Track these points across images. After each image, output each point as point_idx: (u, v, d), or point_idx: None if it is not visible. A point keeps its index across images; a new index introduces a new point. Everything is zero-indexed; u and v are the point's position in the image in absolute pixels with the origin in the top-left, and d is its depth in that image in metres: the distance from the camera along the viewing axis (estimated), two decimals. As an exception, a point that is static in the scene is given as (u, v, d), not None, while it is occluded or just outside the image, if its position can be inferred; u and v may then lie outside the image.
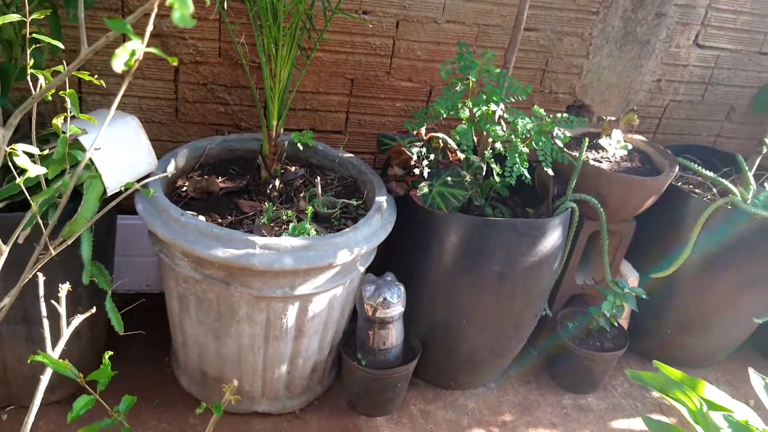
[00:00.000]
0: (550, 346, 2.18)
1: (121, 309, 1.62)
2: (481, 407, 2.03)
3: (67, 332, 0.80)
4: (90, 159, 1.53)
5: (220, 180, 1.88)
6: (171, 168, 1.81)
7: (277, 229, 1.69)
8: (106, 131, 1.58)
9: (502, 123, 1.84)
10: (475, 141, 1.87)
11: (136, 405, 1.83)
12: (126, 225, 1.93)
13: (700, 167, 2.14)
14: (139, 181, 1.70)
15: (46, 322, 0.82)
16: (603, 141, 2.10)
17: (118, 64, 0.51)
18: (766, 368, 2.44)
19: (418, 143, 1.93)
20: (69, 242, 0.94)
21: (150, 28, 0.57)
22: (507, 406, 2.04)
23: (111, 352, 0.82)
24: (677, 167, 2.04)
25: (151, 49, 0.58)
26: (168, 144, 2.06)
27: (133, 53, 0.49)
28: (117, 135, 1.63)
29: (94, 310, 0.89)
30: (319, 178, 1.86)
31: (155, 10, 0.55)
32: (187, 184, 1.84)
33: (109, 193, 1.60)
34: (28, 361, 0.84)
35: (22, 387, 1.73)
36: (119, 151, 1.62)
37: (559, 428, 2.00)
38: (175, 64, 1.23)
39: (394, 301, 1.79)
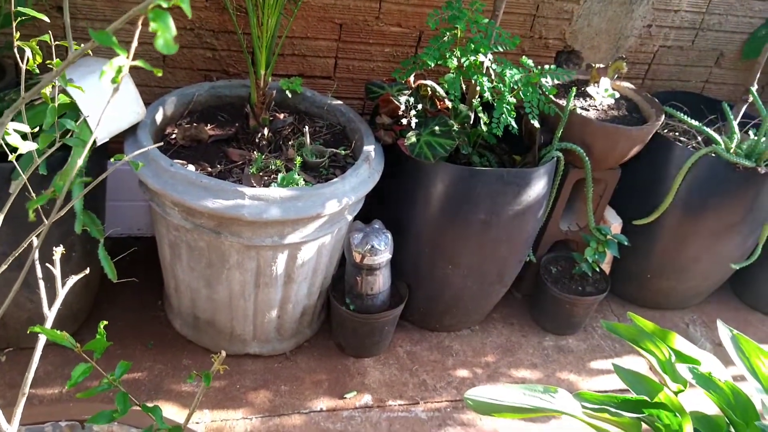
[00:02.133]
0: (533, 290, 2.25)
1: (114, 254, 1.66)
2: (465, 349, 2.11)
3: (62, 293, 0.84)
4: (78, 109, 1.53)
5: (209, 127, 1.89)
6: (159, 116, 1.81)
7: (266, 178, 1.72)
8: (93, 80, 1.57)
9: (491, 73, 1.84)
10: (464, 89, 1.87)
11: (131, 346, 1.90)
12: (116, 170, 1.94)
13: (686, 116, 2.16)
14: (128, 130, 1.71)
15: (42, 284, 0.85)
16: (591, 89, 2.11)
17: (105, 81, 0.53)
18: (740, 310, 2.53)
19: (406, 92, 1.93)
20: (61, 197, 0.95)
21: (135, 44, 0.58)
22: (490, 347, 2.12)
23: (106, 322, 0.86)
24: (663, 116, 2.06)
25: (138, 63, 0.59)
26: (156, 89, 2.05)
27: (119, 70, 0.50)
28: (104, 84, 1.62)
29: (87, 271, 0.92)
30: (307, 127, 1.87)
31: (140, 25, 0.56)
32: (176, 131, 1.85)
33: (99, 143, 1.61)
34: (27, 332, 0.87)
35: (19, 330, 1.78)
36: (107, 97, 1.61)
37: (540, 368, 2.09)
38: (160, 75, 1.23)
39: (381, 249, 1.84)
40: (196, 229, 1.64)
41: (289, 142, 1.87)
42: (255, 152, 1.80)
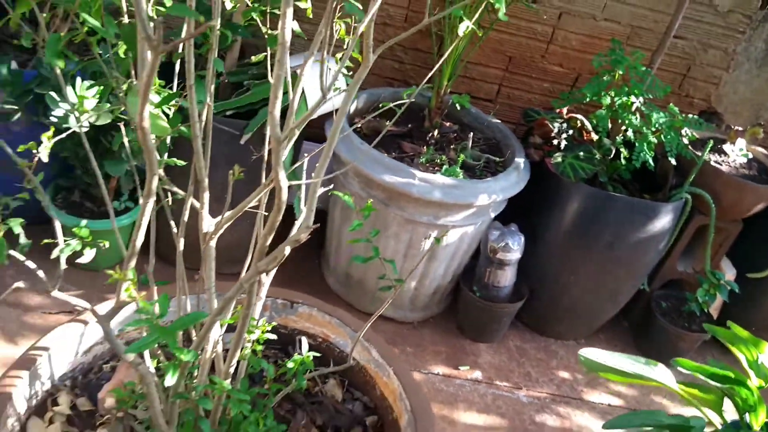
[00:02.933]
0: (640, 320, 2.45)
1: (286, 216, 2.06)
2: (569, 356, 2.34)
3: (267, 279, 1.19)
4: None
5: (388, 124, 2.27)
6: (352, 108, 2.22)
7: (431, 169, 2.06)
8: (313, 67, 1.99)
9: (638, 114, 2.11)
10: (609, 127, 2.15)
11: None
12: (307, 149, 2.36)
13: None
14: (328, 114, 2.12)
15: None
16: (726, 147, 2.32)
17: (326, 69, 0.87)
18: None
19: (559, 120, 2.24)
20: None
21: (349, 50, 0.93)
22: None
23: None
24: (792, 182, 2.23)
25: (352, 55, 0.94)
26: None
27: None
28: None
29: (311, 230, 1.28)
30: (471, 133, 2.21)
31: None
32: (362, 122, 2.24)
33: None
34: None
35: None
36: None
37: (637, 388, 2.28)
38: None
39: (514, 248, 2.13)
40: (369, 198, 2.01)
41: (452, 146, 2.22)
42: (425, 147, 2.16)
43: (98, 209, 2.05)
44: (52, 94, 1.77)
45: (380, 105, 1.43)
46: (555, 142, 2.14)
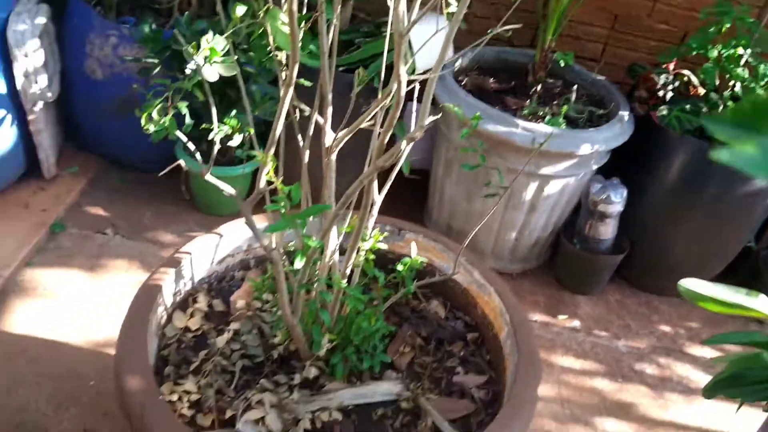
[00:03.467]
0: (748, 278, 2.40)
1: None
2: (672, 311, 2.34)
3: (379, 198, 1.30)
4: (409, 42, 2.06)
5: (491, 81, 2.35)
6: (457, 64, 2.30)
7: (534, 121, 2.12)
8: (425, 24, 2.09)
9: (746, 68, 2.08)
10: (716, 81, 2.12)
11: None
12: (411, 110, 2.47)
13: None
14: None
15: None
16: None
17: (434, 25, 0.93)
18: None
19: (665, 75, 2.23)
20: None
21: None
22: (695, 316, 2.33)
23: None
24: None
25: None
26: (455, 49, 2.56)
27: (449, 15, 0.92)
28: (431, 29, 2.14)
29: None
30: (576, 86, 2.25)
31: None
32: (466, 79, 2.33)
33: (417, 71, 2.13)
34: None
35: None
36: (431, 41, 2.13)
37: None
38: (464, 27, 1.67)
39: (615, 200, 2.16)
40: (472, 148, 2.10)
41: (554, 101, 2.26)
42: (528, 101, 2.21)
43: (223, 158, 2.25)
44: (189, 48, 1.97)
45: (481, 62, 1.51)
46: (661, 94, 2.14)
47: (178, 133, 1.09)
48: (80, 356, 1.78)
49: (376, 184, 1.22)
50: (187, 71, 2.01)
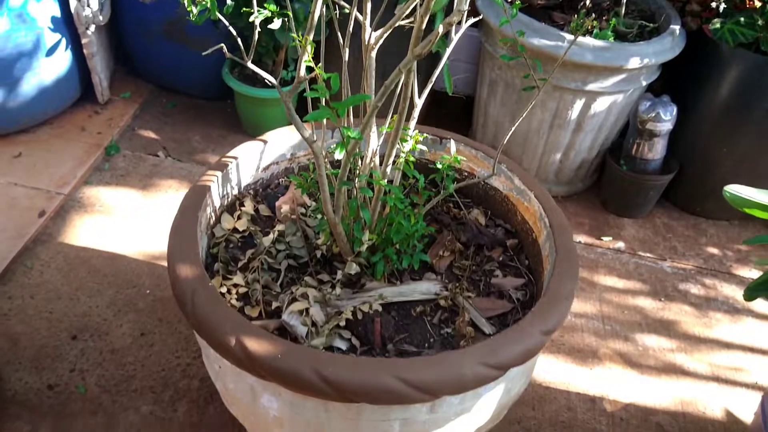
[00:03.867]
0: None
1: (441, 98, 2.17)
2: (720, 234, 2.30)
3: (419, 102, 1.29)
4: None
5: (538, -2, 2.29)
6: (502, -19, 2.25)
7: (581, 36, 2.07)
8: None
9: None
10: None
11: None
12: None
13: None
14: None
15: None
16: None
17: None
18: None
19: (720, -13, 2.14)
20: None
21: None
22: (744, 239, 2.29)
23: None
24: None
25: None
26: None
27: None
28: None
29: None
30: (625, 0, 2.18)
31: None
32: (511, -4, 2.28)
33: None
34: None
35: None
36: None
37: (791, 270, 2.21)
38: None
39: (665, 118, 2.11)
40: (517, 66, 2.07)
41: (603, 17, 2.20)
42: (575, 16, 2.16)
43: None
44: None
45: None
46: (714, 5, 2.05)
47: (219, 16, 1.11)
48: (136, 267, 1.87)
49: (416, 85, 1.23)
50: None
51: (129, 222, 2.00)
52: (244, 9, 1.16)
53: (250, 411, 1.19)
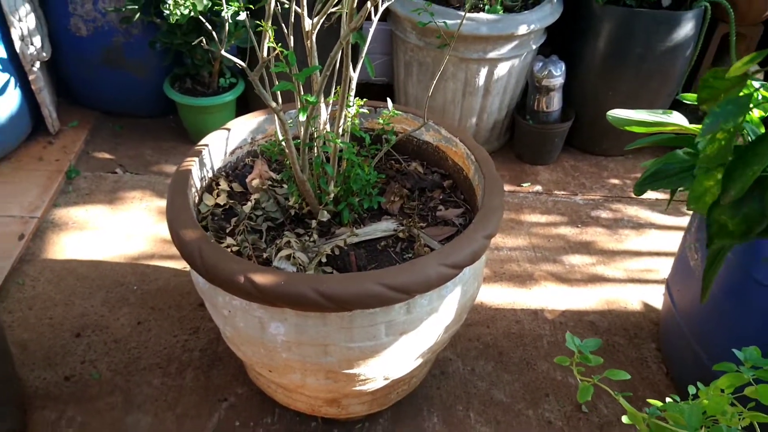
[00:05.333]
0: (680, 128, 2.74)
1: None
2: (619, 168, 2.68)
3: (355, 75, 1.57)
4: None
5: (433, -13, 2.61)
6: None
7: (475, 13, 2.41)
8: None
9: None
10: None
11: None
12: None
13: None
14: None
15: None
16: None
17: None
18: None
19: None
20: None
21: None
22: (639, 169, 2.68)
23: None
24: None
25: None
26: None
27: None
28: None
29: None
30: (507, -21, 2.53)
31: None
32: (411, -11, 2.59)
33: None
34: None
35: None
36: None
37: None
38: None
39: (556, 74, 2.47)
40: (427, 47, 2.38)
41: (492, -4, 2.54)
42: (468, -2, 2.50)
43: (207, 90, 2.51)
44: (163, -10, 2.21)
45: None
46: (581, -27, 2.43)
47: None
48: (120, 269, 2.07)
49: (351, 64, 1.50)
50: (165, 12, 2.25)
51: (103, 232, 2.19)
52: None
53: (260, 343, 1.42)
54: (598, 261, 2.24)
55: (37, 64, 2.31)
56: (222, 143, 1.69)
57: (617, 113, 1.80)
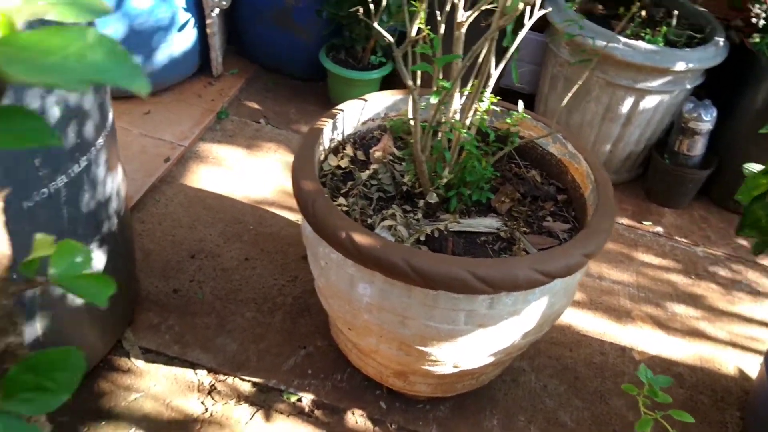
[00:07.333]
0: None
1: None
2: (752, 228, 2.54)
3: (495, 72, 1.60)
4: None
5: (599, 7, 2.60)
6: (569, -9, 2.57)
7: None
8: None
9: None
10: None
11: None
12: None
13: None
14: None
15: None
16: None
17: None
18: None
19: (760, 4, 2.41)
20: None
21: None
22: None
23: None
24: None
25: None
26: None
27: None
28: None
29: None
30: (677, 12, 2.47)
31: None
32: (575, 5, 2.59)
33: None
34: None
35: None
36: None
37: (816, 264, 2.44)
38: None
39: (706, 119, 2.38)
40: (576, 63, 2.38)
41: (657, 27, 2.49)
42: (631, 24, 2.46)
43: (358, 65, 2.64)
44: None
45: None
46: (754, 21, 2.33)
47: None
48: (242, 208, 2.24)
49: (494, 60, 1.55)
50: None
51: (235, 172, 2.37)
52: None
53: (347, 299, 1.52)
54: (703, 316, 2.15)
55: (216, 11, 2.53)
56: (357, 112, 1.79)
57: (753, 167, 1.73)
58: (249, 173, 2.38)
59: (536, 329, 1.56)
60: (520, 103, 1.66)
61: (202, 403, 1.67)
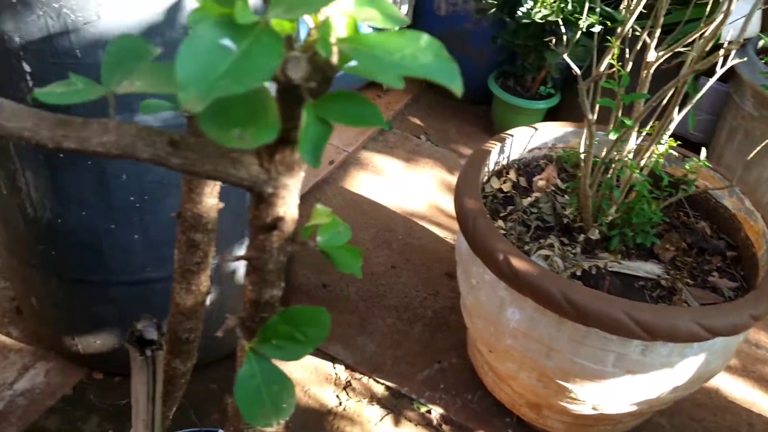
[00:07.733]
0: None
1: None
2: None
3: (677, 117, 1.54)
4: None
5: None
6: (761, 42, 2.43)
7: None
8: None
9: None
10: None
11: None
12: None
13: None
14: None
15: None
16: None
17: None
18: None
19: None
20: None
21: None
22: None
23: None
24: None
25: None
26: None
27: None
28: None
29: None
30: None
31: None
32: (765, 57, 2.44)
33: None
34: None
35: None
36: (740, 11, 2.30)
37: None
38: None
39: None
40: (761, 118, 2.25)
41: None
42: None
43: (525, 93, 2.65)
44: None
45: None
46: None
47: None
48: (394, 217, 2.31)
49: (678, 106, 1.51)
50: (519, 13, 2.42)
51: (392, 183, 2.46)
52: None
53: (493, 321, 1.53)
54: None
55: (395, 28, 2.64)
56: (525, 139, 1.80)
57: None
58: (405, 185, 2.45)
59: (687, 385, 1.49)
60: (703, 151, 1.60)
61: (337, 396, 1.74)
